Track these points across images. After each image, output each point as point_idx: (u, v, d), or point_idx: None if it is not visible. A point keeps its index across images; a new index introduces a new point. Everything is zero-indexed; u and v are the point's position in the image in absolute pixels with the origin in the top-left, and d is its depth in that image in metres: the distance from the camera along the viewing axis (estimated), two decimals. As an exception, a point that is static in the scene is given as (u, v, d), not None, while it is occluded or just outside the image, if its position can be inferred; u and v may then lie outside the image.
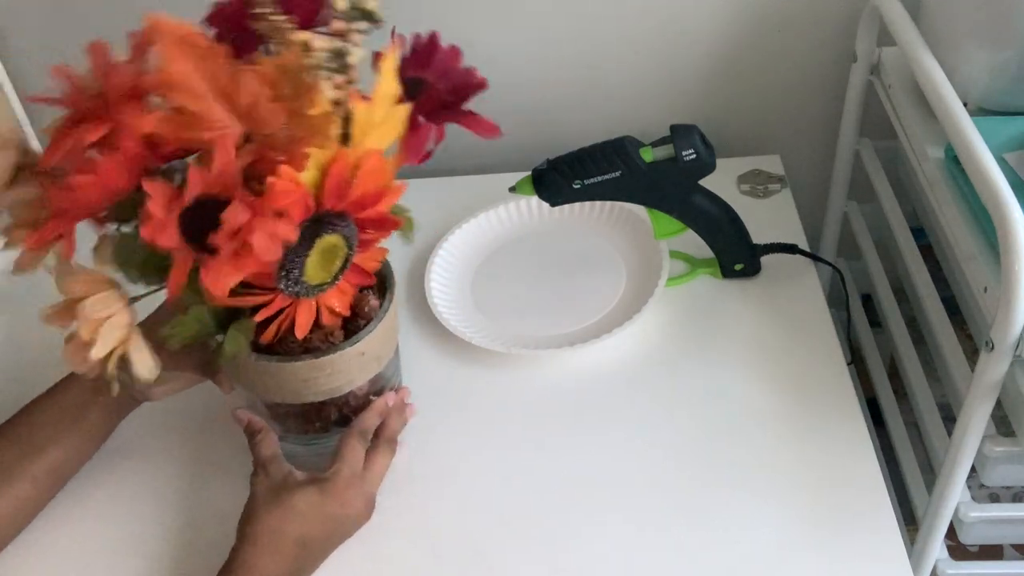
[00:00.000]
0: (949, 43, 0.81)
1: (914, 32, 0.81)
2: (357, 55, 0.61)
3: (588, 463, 0.78)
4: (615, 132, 0.85)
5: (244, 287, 0.62)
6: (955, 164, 0.75)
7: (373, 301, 0.71)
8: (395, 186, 0.65)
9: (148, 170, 0.57)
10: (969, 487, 0.78)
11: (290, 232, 0.57)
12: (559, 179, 0.84)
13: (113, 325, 0.59)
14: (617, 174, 0.83)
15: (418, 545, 0.73)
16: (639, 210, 0.90)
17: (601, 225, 0.98)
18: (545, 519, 0.74)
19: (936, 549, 0.80)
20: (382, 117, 0.63)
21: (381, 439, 0.74)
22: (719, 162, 0.83)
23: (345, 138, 0.62)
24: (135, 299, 0.62)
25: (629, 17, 1.02)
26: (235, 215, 0.55)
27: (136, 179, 0.56)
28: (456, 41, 0.69)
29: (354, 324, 0.71)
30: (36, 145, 1.09)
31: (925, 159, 0.82)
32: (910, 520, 0.89)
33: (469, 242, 0.98)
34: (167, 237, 0.55)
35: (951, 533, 0.80)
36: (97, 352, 0.58)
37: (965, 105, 0.74)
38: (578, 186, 0.84)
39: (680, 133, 0.82)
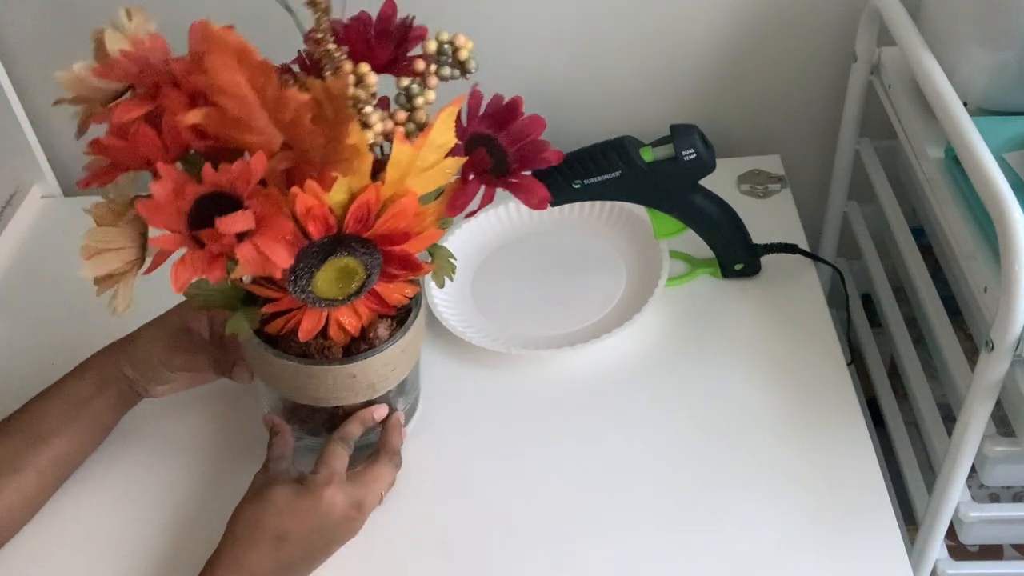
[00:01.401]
0: (949, 43, 0.81)
1: (914, 32, 0.81)
2: (428, 97, 0.64)
3: (588, 463, 0.78)
4: (615, 132, 0.85)
5: (262, 278, 0.65)
6: (955, 164, 0.75)
7: (382, 331, 0.71)
8: (428, 232, 0.65)
9: (186, 151, 0.61)
10: (969, 487, 0.78)
11: (284, 258, 0.59)
12: (559, 179, 0.84)
13: (110, 257, 0.61)
14: (617, 174, 0.83)
15: (419, 544, 0.74)
16: (639, 210, 0.90)
17: (601, 225, 0.98)
18: (545, 518, 0.74)
19: (936, 549, 0.80)
20: (430, 163, 0.63)
21: (381, 451, 0.74)
22: (719, 162, 0.83)
23: (376, 172, 0.63)
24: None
25: (629, 17, 1.02)
26: (229, 223, 0.57)
27: (173, 155, 0.60)
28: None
29: (356, 346, 0.71)
30: (32, 135, 1.10)
31: (925, 159, 0.82)
32: (910, 520, 0.89)
33: (469, 242, 0.98)
34: (161, 218, 0.58)
35: (951, 533, 0.80)
36: (82, 270, 0.61)
37: (965, 105, 0.74)
38: (578, 186, 0.84)
39: (680, 133, 0.82)
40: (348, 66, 0.61)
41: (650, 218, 0.88)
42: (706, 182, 0.85)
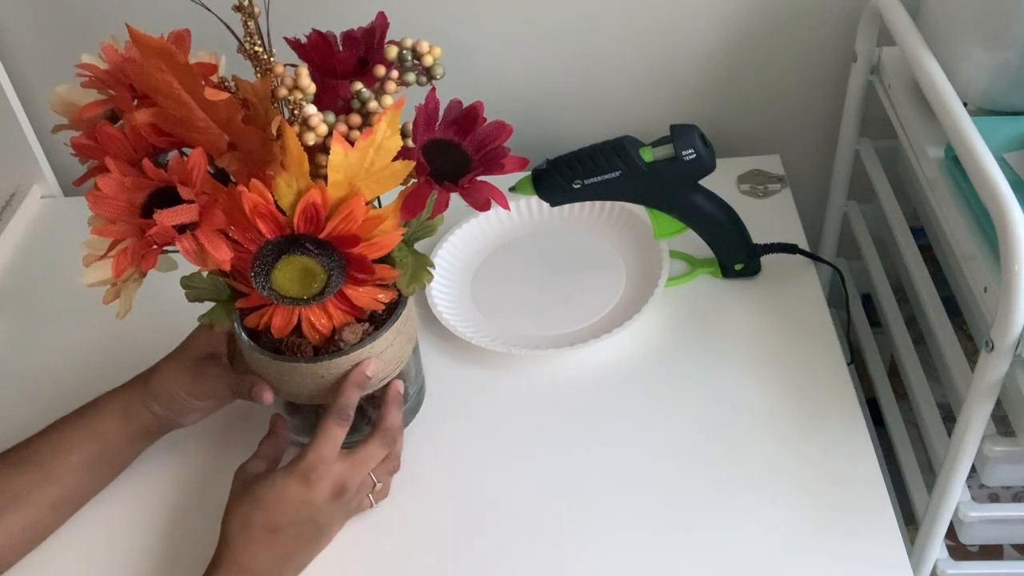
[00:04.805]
0: (949, 43, 0.81)
1: (914, 32, 0.81)
2: (383, 103, 0.65)
3: (587, 463, 0.78)
4: (615, 132, 0.85)
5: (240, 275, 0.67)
6: (955, 164, 0.75)
7: (347, 334, 0.71)
8: (384, 237, 0.66)
9: (156, 149, 0.64)
10: (969, 487, 0.78)
11: (224, 252, 0.61)
12: (559, 179, 0.84)
13: (106, 264, 0.63)
14: (617, 174, 0.83)
15: (418, 543, 0.74)
16: (639, 210, 0.90)
17: (601, 225, 0.98)
18: (545, 518, 0.74)
19: (936, 549, 0.80)
20: (378, 166, 0.64)
21: (376, 430, 0.72)
22: (719, 162, 0.83)
23: (316, 172, 0.64)
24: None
25: (629, 17, 1.02)
26: (168, 215, 0.60)
27: (143, 153, 0.64)
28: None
29: (334, 345, 0.71)
30: (32, 135, 1.10)
31: (925, 159, 0.82)
32: (910, 520, 0.89)
33: (469, 242, 0.98)
34: (106, 209, 0.61)
35: (951, 533, 0.80)
36: (85, 278, 0.64)
37: (965, 105, 0.74)
38: (578, 186, 0.84)
39: (680, 133, 0.82)
40: (279, 68, 0.63)
41: (650, 218, 0.88)
42: (706, 182, 0.85)
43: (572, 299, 0.91)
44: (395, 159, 0.64)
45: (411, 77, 0.66)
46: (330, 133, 0.64)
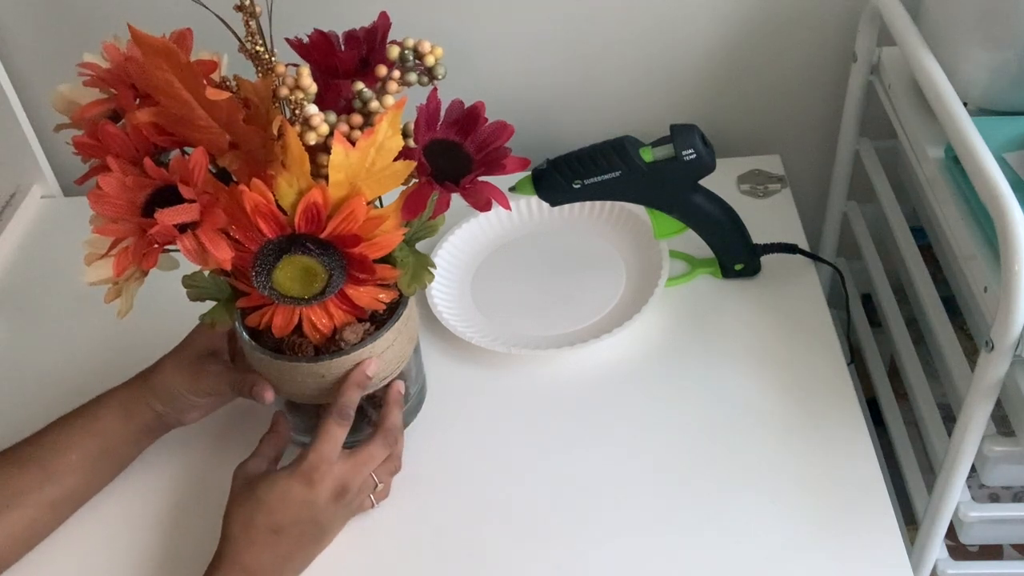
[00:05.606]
0: (949, 43, 0.81)
1: (914, 32, 0.81)
2: (385, 103, 0.65)
3: (587, 463, 0.78)
4: (615, 132, 0.85)
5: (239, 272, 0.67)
6: (955, 164, 0.75)
7: (348, 334, 0.71)
8: (381, 239, 0.66)
9: (157, 148, 0.65)
10: (969, 487, 0.78)
11: (225, 252, 0.61)
12: (559, 179, 0.84)
13: (108, 263, 0.63)
14: (617, 174, 0.83)
15: (418, 543, 0.74)
16: (639, 210, 0.90)
17: (601, 225, 0.98)
18: (545, 518, 0.74)
19: (936, 549, 0.80)
20: (379, 166, 0.64)
21: (377, 430, 0.72)
22: (719, 162, 0.83)
23: (317, 172, 0.64)
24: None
25: (629, 17, 1.02)
26: (169, 214, 0.60)
27: (144, 152, 0.64)
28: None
29: (335, 345, 0.71)
30: (32, 135, 1.10)
31: (925, 159, 0.82)
32: (910, 520, 0.89)
33: (469, 242, 0.98)
34: (107, 208, 0.62)
35: (951, 533, 0.80)
36: (86, 276, 0.64)
37: (965, 105, 0.74)
38: (578, 186, 0.84)
39: (680, 133, 0.82)
40: (281, 68, 0.63)
41: (650, 218, 0.89)
42: (706, 182, 0.85)
43: (572, 299, 0.91)
44: (396, 159, 0.64)
45: (413, 77, 0.66)
46: (331, 133, 0.64)
